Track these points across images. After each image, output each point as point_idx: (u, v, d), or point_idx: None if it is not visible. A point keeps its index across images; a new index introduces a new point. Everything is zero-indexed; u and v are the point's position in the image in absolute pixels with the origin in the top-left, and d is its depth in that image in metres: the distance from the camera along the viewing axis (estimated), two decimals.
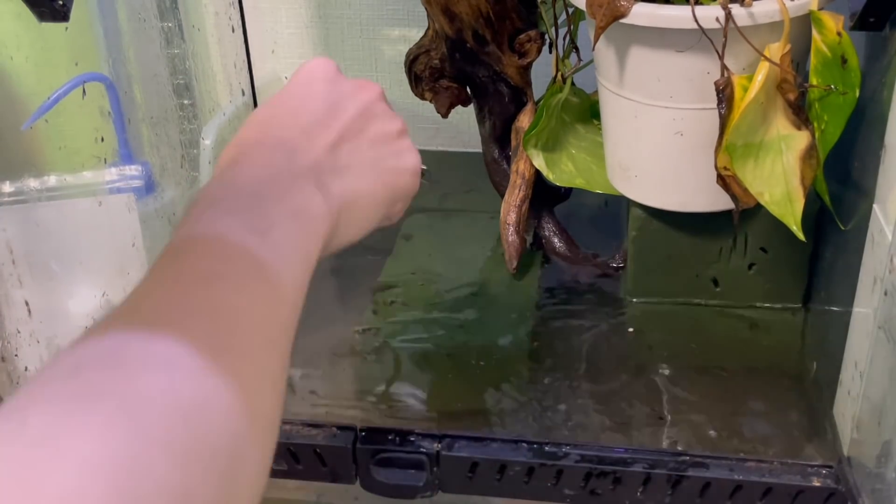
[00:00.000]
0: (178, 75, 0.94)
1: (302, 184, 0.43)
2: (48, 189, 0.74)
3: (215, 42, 0.99)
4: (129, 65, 0.88)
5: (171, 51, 0.93)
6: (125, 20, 0.88)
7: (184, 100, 0.96)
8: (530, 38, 0.76)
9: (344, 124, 0.49)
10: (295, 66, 1.03)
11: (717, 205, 0.68)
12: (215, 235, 0.38)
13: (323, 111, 0.48)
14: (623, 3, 0.62)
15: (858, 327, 0.60)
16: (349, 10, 1.00)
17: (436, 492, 0.61)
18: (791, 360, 0.72)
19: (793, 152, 0.62)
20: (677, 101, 0.65)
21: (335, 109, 0.49)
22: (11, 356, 0.69)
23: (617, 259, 0.82)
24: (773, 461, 0.58)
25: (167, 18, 0.92)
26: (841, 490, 0.57)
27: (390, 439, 0.61)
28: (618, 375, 0.71)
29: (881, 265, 0.55)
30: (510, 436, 0.62)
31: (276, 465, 0.62)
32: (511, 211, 0.80)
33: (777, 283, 0.75)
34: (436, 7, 0.74)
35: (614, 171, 0.74)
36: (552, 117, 0.77)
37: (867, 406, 0.58)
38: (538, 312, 0.78)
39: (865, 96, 0.60)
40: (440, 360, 0.73)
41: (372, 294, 0.81)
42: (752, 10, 0.59)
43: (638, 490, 0.59)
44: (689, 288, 0.76)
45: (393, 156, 0.51)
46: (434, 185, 0.97)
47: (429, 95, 0.83)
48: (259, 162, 0.44)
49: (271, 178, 0.43)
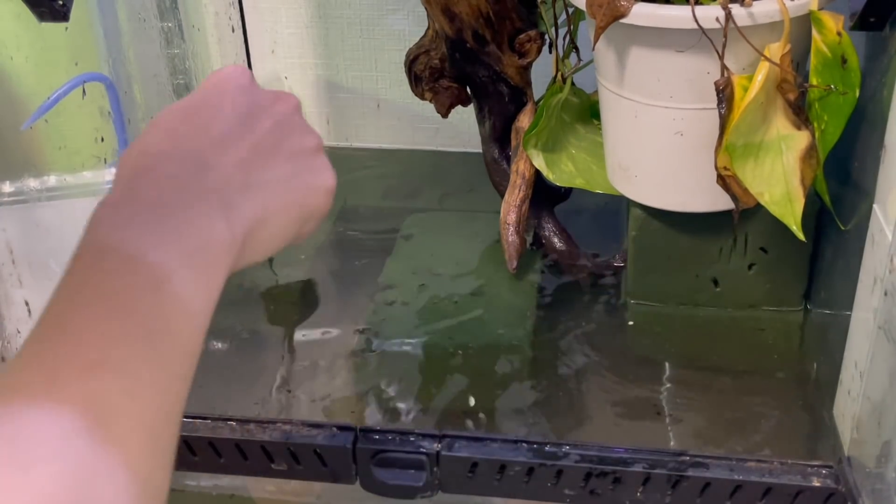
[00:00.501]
0: (178, 75, 0.95)
1: (209, 203, 0.41)
2: (48, 189, 0.74)
3: (215, 42, 0.99)
4: (129, 65, 0.88)
5: (171, 51, 0.93)
6: (125, 20, 0.88)
7: None
8: (530, 38, 0.76)
9: (258, 137, 0.46)
10: (295, 66, 1.04)
11: (717, 205, 0.68)
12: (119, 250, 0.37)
13: (236, 122, 0.45)
14: (623, 3, 0.62)
15: (858, 327, 0.60)
16: (349, 10, 1.00)
17: (436, 492, 0.61)
18: (791, 360, 0.72)
19: (793, 152, 0.62)
20: (677, 101, 0.65)
21: (249, 121, 0.46)
22: (11, 356, 0.69)
23: (617, 259, 0.82)
24: (773, 461, 0.58)
25: (167, 18, 0.92)
26: (841, 490, 0.57)
27: (390, 439, 0.61)
28: (617, 375, 0.71)
29: (881, 265, 0.55)
30: (510, 436, 0.62)
31: (277, 465, 0.62)
32: (511, 211, 0.80)
33: (777, 284, 0.75)
34: (436, 7, 0.74)
35: (614, 171, 0.74)
36: (552, 117, 0.76)
37: (867, 406, 0.58)
38: (538, 312, 0.78)
39: (865, 96, 0.60)
40: (440, 360, 0.73)
41: (372, 294, 0.81)
42: (752, 10, 0.59)
43: (638, 490, 0.59)
44: (689, 288, 0.76)
45: (308, 172, 0.48)
46: (434, 186, 0.98)
47: (429, 95, 0.83)
48: (166, 175, 0.41)
49: (177, 194, 0.40)
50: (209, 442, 0.61)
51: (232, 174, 0.43)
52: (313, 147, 0.49)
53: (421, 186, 0.97)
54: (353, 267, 0.85)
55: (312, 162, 0.49)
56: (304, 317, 0.79)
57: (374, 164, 1.02)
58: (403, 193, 0.97)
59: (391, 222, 0.91)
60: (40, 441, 0.30)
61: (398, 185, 0.98)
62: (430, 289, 0.81)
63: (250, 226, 0.43)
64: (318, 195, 0.49)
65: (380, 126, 1.05)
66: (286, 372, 0.73)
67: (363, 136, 1.06)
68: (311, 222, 0.49)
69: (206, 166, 0.42)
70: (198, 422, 0.62)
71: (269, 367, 0.74)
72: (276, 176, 0.46)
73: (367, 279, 0.83)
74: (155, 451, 0.34)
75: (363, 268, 0.84)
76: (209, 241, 0.40)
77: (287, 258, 0.87)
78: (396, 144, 1.05)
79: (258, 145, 0.45)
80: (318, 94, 1.05)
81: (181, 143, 0.43)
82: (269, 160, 0.46)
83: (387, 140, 1.05)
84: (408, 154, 1.03)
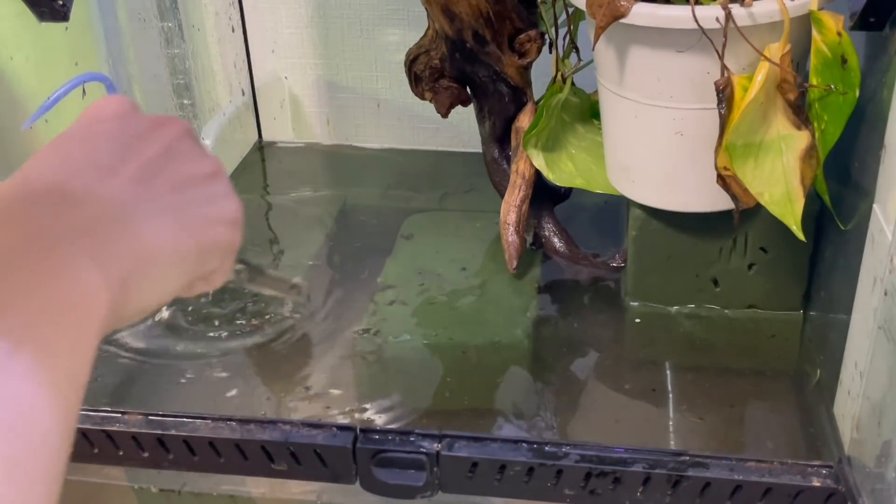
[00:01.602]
0: (178, 75, 0.95)
1: (73, 246, 0.33)
2: None
3: (215, 42, 0.99)
4: (129, 65, 0.88)
5: (171, 51, 0.93)
6: (125, 20, 0.88)
7: (184, 100, 0.96)
8: (530, 38, 0.76)
9: (137, 165, 0.39)
10: (295, 66, 1.04)
11: (717, 205, 0.68)
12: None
13: (109, 151, 0.39)
14: (623, 3, 0.62)
15: (858, 327, 0.60)
16: (349, 10, 1.00)
17: (436, 492, 0.61)
18: (791, 360, 0.72)
19: (793, 152, 0.62)
20: (677, 101, 0.65)
21: (125, 149, 0.39)
22: None
23: (617, 259, 0.82)
24: (773, 461, 0.58)
25: (167, 18, 0.92)
26: (841, 490, 0.57)
27: (390, 439, 0.61)
28: (617, 375, 0.71)
29: (881, 265, 0.55)
30: (510, 436, 0.62)
31: (277, 465, 0.62)
32: (511, 211, 0.80)
33: (777, 284, 0.75)
34: (436, 7, 0.74)
35: (614, 171, 0.74)
36: (552, 117, 0.77)
37: (867, 406, 0.58)
38: (538, 312, 0.78)
39: (865, 96, 0.60)
40: (440, 359, 0.73)
41: (372, 294, 0.81)
42: (752, 10, 0.59)
43: (638, 490, 0.59)
44: (689, 288, 0.76)
45: (203, 202, 0.41)
46: (434, 186, 0.98)
47: (429, 95, 0.83)
48: (13, 224, 0.33)
49: (33, 241, 0.33)
50: (209, 442, 0.61)
51: (106, 208, 0.36)
52: (208, 173, 0.42)
53: (421, 186, 0.97)
54: (353, 267, 0.85)
55: (209, 190, 0.42)
56: (305, 316, 0.79)
57: (374, 164, 1.02)
58: (403, 193, 0.97)
59: (391, 222, 0.91)
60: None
61: (398, 185, 0.98)
62: (430, 289, 0.81)
63: (129, 268, 0.35)
64: (216, 227, 0.41)
65: (380, 126, 1.05)
66: (287, 372, 0.73)
67: (363, 136, 1.06)
68: (213, 260, 0.42)
69: (69, 203, 0.35)
70: (198, 422, 0.62)
71: (270, 367, 0.74)
72: (159, 207, 0.39)
73: (368, 279, 0.83)
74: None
75: (363, 268, 0.84)
76: (71, 294, 0.32)
77: (287, 259, 0.87)
78: (396, 144, 1.05)
79: (137, 174, 0.39)
80: (318, 94, 1.05)
81: (41, 180, 0.36)
82: (150, 189, 0.39)
83: (387, 140, 1.05)
84: (408, 154, 1.03)
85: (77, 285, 0.33)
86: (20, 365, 0.28)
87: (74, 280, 0.33)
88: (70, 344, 0.31)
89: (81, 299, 0.32)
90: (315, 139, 1.08)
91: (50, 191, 0.36)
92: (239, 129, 1.04)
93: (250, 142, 1.07)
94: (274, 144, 1.08)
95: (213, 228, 0.41)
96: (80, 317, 0.32)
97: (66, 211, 0.35)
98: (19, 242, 0.32)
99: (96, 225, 0.35)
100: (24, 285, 0.31)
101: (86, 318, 0.32)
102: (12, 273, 0.31)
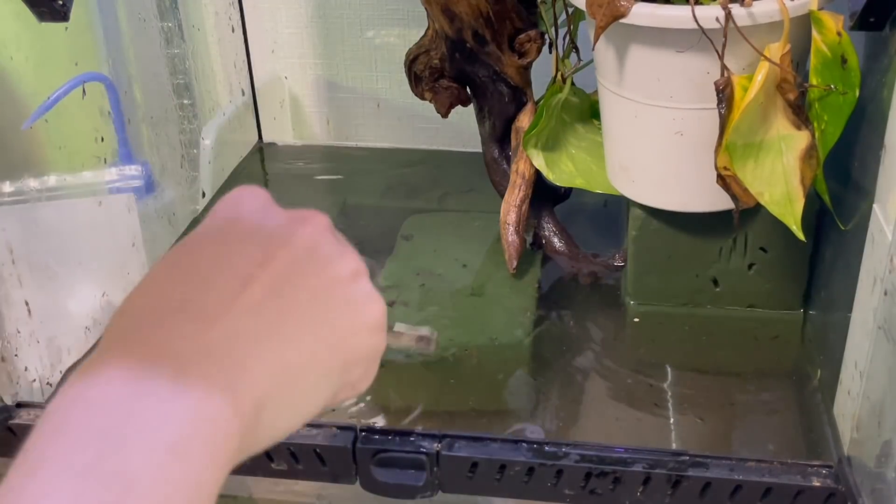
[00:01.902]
0: (178, 75, 0.95)
1: (202, 370, 0.31)
2: (48, 189, 0.74)
3: (215, 42, 0.99)
4: (129, 65, 0.88)
5: (171, 51, 0.93)
6: (125, 20, 0.88)
7: (184, 100, 0.96)
8: (530, 38, 0.76)
9: (276, 272, 0.35)
10: (295, 66, 1.04)
11: (717, 205, 0.68)
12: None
13: (246, 256, 0.35)
14: (623, 3, 0.62)
15: (858, 327, 0.60)
16: (349, 10, 1.00)
17: (436, 492, 0.61)
18: (791, 360, 0.72)
19: (793, 152, 0.62)
20: (677, 101, 0.65)
21: (264, 254, 0.36)
22: (11, 356, 0.69)
23: (617, 259, 0.82)
24: (773, 461, 0.58)
25: (167, 18, 0.92)
26: (841, 490, 0.57)
27: (390, 439, 0.61)
28: (617, 375, 0.71)
29: (881, 265, 0.55)
30: (510, 436, 0.62)
31: (277, 465, 0.62)
32: (511, 211, 0.80)
33: (777, 283, 0.75)
34: (436, 7, 0.74)
35: (614, 172, 0.74)
36: (552, 117, 0.77)
37: (867, 406, 0.58)
38: (538, 312, 0.78)
39: (865, 96, 0.60)
40: (440, 360, 0.73)
41: None
42: (752, 10, 0.59)
43: (638, 490, 0.59)
44: (689, 288, 0.76)
45: (346, 308, 0.38)
46: (434, 185, 0.98)
47: (429, 95, 0.83)
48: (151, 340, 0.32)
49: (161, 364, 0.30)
50: None
51: (242, 325, 0.33)
52: (350, 273, 0.39)
53: (421, 186, 0.97)
54: None
55: (351, 292, 0.38)
56: None
57: (374, 164, 1.02)
58: (403, 193, 0.97)
59: (391, 222, 0.91)
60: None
61: (398, 185, 0.98)
62: (430, 289, 0.81)
63: (266, 391, 0.33)
64: (359, 334, 0.38)
65: (380, 126, 1.05)
66: None
67: (363, 136, 1.06)
68: (357, 369, 0.39)
69: (208, 319, 0.32)
70: None
71: None
72: (301, 319, 0.36)
73: None
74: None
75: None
76: (200, 424, 0.30)
77: None
78: (396, 144, 1.05)
79: (279, 282, 0.35)
80: (318, 94, 1.05)
81: (176, 290, 0.34)
82: (291, 300, 0.35)
83: (387, 140, 1.05)
84: (408, 154, 1.03)
85: (206, 412, 0.30)
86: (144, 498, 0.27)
87: (204, 407, 0.30)
88: (196, 482, 0.29)
89: (211, 429, 0.30)
90: (315, 139, 1.08)
91: (184, 307, 0.33)
92: (239, 129, 1.04)
93: (250, 142, 1.07)
94: (274, 144, 1.08)
95: (356, 337, 0.38)
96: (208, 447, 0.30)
97: (201, 331, 0.32)
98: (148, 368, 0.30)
99: (232, 345, 0.32)
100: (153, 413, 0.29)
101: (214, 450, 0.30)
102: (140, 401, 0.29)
